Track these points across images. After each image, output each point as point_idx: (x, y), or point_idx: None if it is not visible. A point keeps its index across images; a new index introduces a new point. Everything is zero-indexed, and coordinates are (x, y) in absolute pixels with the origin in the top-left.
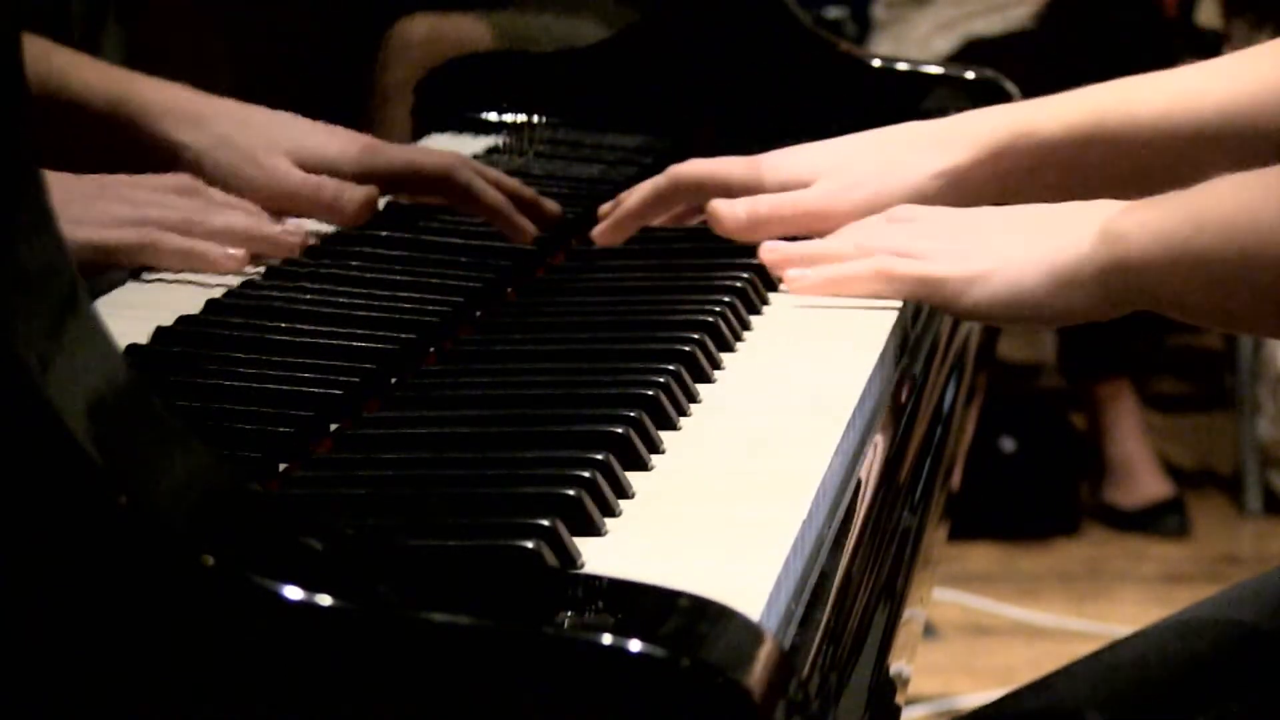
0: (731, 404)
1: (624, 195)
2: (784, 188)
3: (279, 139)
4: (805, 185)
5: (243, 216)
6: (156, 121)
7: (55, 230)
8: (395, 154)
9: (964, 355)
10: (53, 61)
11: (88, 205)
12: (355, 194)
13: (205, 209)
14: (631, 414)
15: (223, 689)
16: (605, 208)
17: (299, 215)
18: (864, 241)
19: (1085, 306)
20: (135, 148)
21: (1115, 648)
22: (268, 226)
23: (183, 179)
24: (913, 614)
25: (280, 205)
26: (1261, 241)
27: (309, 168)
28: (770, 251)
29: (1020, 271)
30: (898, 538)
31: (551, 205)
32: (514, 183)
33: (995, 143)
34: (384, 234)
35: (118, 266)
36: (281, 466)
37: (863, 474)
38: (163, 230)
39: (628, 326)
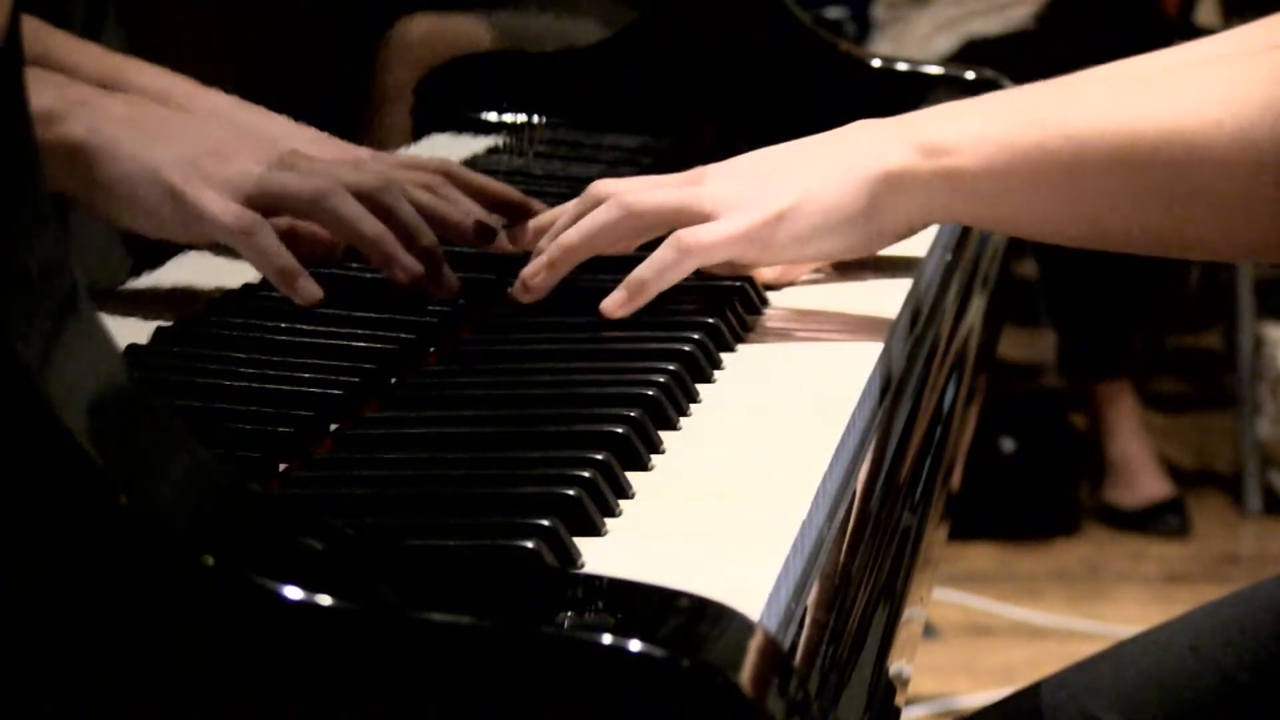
0: (731, 404)
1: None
2: None
3: (264, 156)
4: None
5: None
6: None
7: (55, 230)
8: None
9: (964, 355)
10: (44, 42)
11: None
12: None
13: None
14: (631, 414)
15: (223, 689)
16: None
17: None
18: (639, 207)
19: (904, 222)
20: None
21: (1122, 647)
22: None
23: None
24: (913, 614)
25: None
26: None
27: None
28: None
29: (831, 197)
30: (898, 538)
31: (539, 206)
32: (502, 187)
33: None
34: None
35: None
36: (281, 466)
37: (863, 474)
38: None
39: (627, 326)
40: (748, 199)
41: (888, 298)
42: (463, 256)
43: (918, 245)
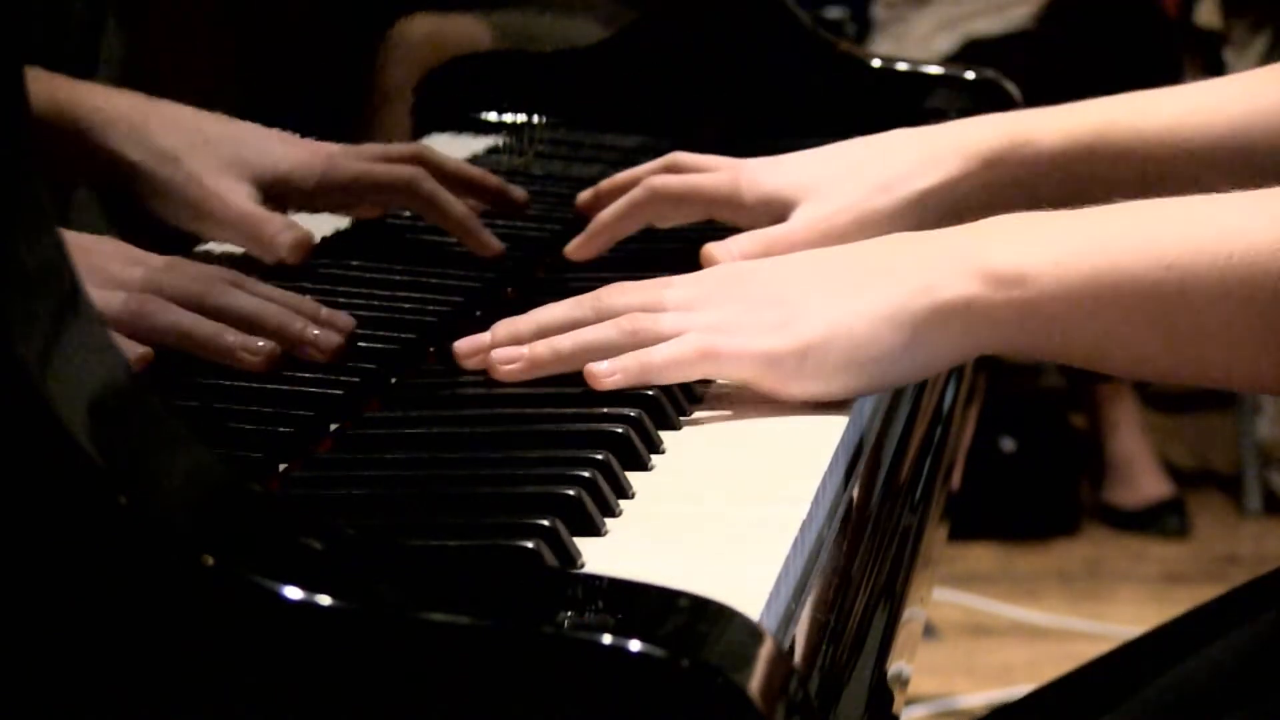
0: (731, 404)
1: (602, 185)
2: (763, 203)
3: (231, 156)
4: (785, 203)
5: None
6: (100, 133)
7: (55, 230)
8: (354, 168)
9: None
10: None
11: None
12: (287, 237)
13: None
14: (631, 414)
15: (223, 689)
16: (584, 196)
17: (238, 245)
18: (646, 334)
19: (954, 355)
20: (80, 160)
21: (1122, 650)
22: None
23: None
24: (913, 614)
25: (217, 235)
26: (1258, 272)
27: (265, 185)
28: (508, 356)
29: (863, 332)
30: (898, 538)
31: (518, 193)
32: (477, 171)
33: (988, 151)
34: (384, 234)
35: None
36: (281, 466)
37: (862, 474)
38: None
39: None
40: (771, 324)
41: None
42: (463, 258)
43: None
